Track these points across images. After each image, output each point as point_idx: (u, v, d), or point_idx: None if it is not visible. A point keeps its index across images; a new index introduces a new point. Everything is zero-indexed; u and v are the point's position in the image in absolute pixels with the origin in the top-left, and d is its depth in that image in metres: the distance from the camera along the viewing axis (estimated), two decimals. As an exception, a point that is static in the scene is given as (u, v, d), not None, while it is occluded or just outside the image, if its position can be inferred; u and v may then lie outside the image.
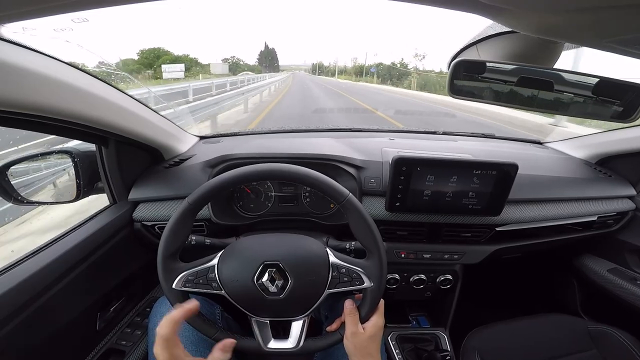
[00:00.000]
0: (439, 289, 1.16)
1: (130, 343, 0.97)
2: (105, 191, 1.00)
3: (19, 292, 0.68)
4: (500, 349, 1.02)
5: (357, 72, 79.16)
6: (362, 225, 0.67)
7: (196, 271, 0.68)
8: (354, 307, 0.70)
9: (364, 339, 0.67)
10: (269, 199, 1.09)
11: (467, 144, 1.28)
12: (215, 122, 7.09)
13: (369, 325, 0.68)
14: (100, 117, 0.75)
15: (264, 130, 1.48)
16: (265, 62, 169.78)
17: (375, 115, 9.49)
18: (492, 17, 0.40)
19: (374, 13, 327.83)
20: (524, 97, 0.63)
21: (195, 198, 0.67)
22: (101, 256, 0.88)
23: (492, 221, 1.03)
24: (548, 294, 1.57)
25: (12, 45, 0.55)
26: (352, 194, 0.68)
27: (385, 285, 0.69)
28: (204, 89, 11.03)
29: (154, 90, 7.71)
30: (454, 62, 0.63)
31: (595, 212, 1.09)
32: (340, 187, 0.68)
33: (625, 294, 1.11)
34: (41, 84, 0.59)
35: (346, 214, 0.68)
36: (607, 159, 1.22)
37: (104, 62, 1.45)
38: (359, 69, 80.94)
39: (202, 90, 10.84)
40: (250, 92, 10.78)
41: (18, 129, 0.65)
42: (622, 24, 0.35)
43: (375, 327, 0.68)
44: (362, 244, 0.69)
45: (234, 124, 7.73)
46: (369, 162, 1.04)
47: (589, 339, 1.03)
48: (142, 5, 0.59)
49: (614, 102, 0.62)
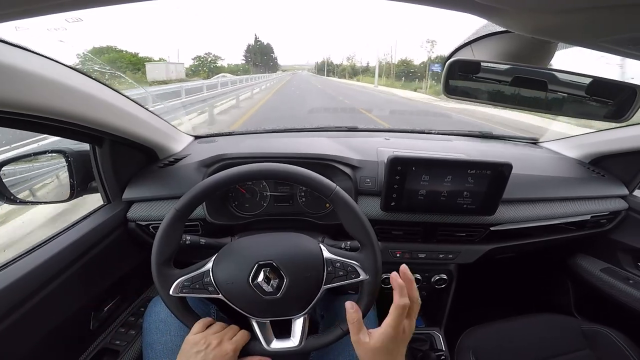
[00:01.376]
0: (434, 289, 1.17)
1: (125, 343, 0.96)
2: (99, 191, 0.99)
3: (11, 291, 0.67)
4: (495, 348, 1.02)
5: (401, 73, 45.89)
6: (352, 217, 0.67)
7: (192, 276, 0.67)
8: (355, 311, 0.62)
9: (368, 350, 0.58)
10: (264, 198, 1.09)
11: (462, 143, 1.29)
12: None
13: (375, 335, 0.58)
14: (94, 117, 0.75)
15: (259, 129, 1.47)
16: (256, 59, 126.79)
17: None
18: (487, 16, 0.40)
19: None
20: (518, 96, 0.64)
21: (182, 205, 0.67)
22: (95, 256, 0.88)
23: (486, 221, 1.03)
24: (542, 293, 1.58)
25: (5, 45, 0.55)
26: (348, 193, 0.68)
27: (381, 276, 0.68)
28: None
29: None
30: (449, 61, 0.63)
31: (588, 211, 1.10)
32: (327, 181, 0.68)
33: (618, 294, 1.12)
34: (35, 84, 0.59)
35: (336, 208, 0.68)
36: (600, 159, 1.22)
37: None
38: (403, 68, 48.96)
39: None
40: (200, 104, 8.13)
41: (11, 128, 0.64)
42: (616, 24, 0.35)
43: (382, 338, 0.58)
44: (354, 237, 0.69)
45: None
46: (365, 161, 1.04)
47: (582, 339, 1.04)
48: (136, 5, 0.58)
49: (607, 102, 0.62)
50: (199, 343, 0.65)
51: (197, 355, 0.64)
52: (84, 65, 1.53)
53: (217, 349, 0.64)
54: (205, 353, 0.64)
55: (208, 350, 0.64)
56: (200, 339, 0.66)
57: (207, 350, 0.64)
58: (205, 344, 0.65)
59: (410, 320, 0.59)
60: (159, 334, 0.80)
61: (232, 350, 0.65)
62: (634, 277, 1.12)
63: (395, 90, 25.26)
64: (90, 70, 0.57)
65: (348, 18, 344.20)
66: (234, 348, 0.66)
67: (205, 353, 0.64)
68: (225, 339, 0.67)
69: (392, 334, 0.57)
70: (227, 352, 0.65)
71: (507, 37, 0.58)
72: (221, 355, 0.64)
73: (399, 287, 0.58)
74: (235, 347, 0.66)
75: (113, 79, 1.85)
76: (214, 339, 0.66)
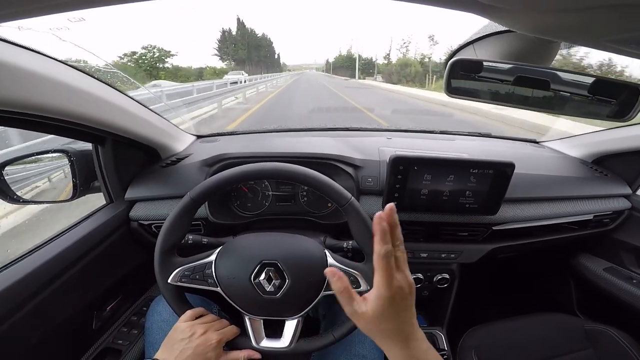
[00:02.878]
0: (436, 288, 1.17)
1: (127, 342, 0.97)
2: (101, 190, 0.99)
3: (14, 291, 0.68)
4: (497, 348, 1.02)
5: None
6: (362, 228, 0.68)
7: (193, 266, 0.68)
8: (337, 279, 0.49)
9: (370, 321, 0.48)
10: (266, 198, 1.09)
11: (464, 143, 1.28)
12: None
13: (370, 300, 0.48)
14: (97, 117, 0.75)
15: (261, 129, 1.47)
16: (237, 54, 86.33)
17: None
18: (489, 16, 0.40)
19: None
20: (521, 96, 0.64)
21: (197, 193, 0.67)
22: (97, 255, 0.88)
23: (488, 220, 1.03)
24: (544, 293, 1.58)
25: (8, 45, 0.55)
26: (349, 193, 0.68)
27: None
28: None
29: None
30: (451, 61, 0.63)
31: (591, 211, 1.10)
32: (343, 190, 0.68)
33: (621, 293, 1.11)
34: (38, 83, 0.59)
35: (347, 217, 0.69)
36: (603, 158, 1.22)
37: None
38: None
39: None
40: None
41: (15, 128, 0.65)
42: (619, 23, 0.35)
43: (378, 302, 0.47)
44: (361, 247, 0.70)
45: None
46: (367, 161, 1.04)
47: (585, 338, 1.03)
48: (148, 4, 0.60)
49: (609, 101, 0.62)
50: (184, 331, 0.66)
51: (181, 342, 0.64)
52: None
53: (201, 337, 0.65)
54: (189, 340, 0.64)
55: (192, 338, 0.65)
56: (186, 327, 0.66)
57: (192, 338, 0.65)
58: (191, 332, 0.66)
59: (403, 272, 0.48)
60: (161, 333, 0.81)
61: (217, 341, 0.66)
62: (637, 277, 1.11)
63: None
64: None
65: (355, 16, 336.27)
66: (218, 339, 0.66)
67: (189, 340, 0.64)
68: (212, 329, 0.68)
69: (387, 294, 0.46)
70: (211, 341, 0.65)
71: (509, 36, 0.58)
72: (204, 345, 0.64)
73: (382, 232, 0.46)
74: (221, 339, 0.67)
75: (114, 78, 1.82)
76: (200, 328, 0.66)
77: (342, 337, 0.69)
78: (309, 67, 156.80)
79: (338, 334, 0.69)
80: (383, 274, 0.46)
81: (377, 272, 0.47)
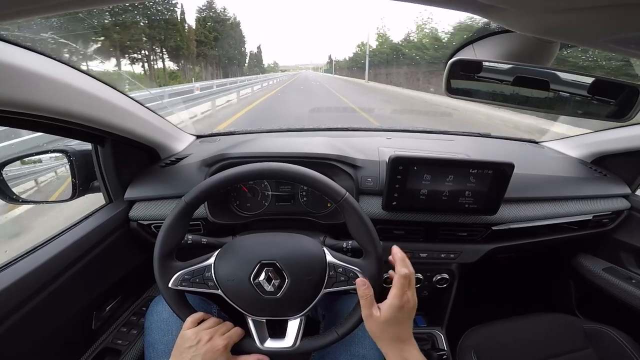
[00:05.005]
0: (436, 288, 1.17)
1: (126, 342, 0.97)
2: (101, 190, 0.99)
3: (13, 291, 0.68)
4: (497, 348, 1.02)
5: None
6: (359, 224, 0.67)
7: (192, 270, 0.68)
8: (366, 287, 0.64)
9: (379, 323, 0.62)
10: (265, 198, 1.09)
11: (464, 143, 1.28)
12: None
13: (384, 308, 0.62)
14: (96, 116, 0.75)
15: (261, 129, 1.47)
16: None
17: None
18: (489, 16, 0.40)
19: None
20: (520, 96, 0.64)
21: (192, 197, 0.67)
22: (97, 255, 0.88)
23: (488, 220, 1.03)
24: (544, 293, 1.58)
25: (8, 45, 0.55)
26: (349, 193, 0.68)
27: (381, 284, 0.69)
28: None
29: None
30: (451, 61, 0.63)
31: (590, 211, 1.10)
32: (338, 187, 0.68)
33: (620, 293, 1.11)
34: (38, 83, 0.59)
35: (343, 214, 0.68)
36: (602, 158, 1.22)
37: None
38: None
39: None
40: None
41: (14, 128, 0.65)
42: (618, 24, 0.35)
43: (391, 310, 0.61)
44: (359, 244, 0.69)
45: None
46: (366, 161, 1.04)
47: (584, 338, 1.03)
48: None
49: (609, 102, 0.62)
50: (190, 338, 0.66)
51: (189, 350, 0.64)
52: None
53: (208, 344, 0.65)
54: (196, 348, 0.64)
55: (199, 346, 0.65)
56: (192, 334, 0.66)
57: (199, 345, 0.65)
58: (197, 339, 0.66)
59: (412, 291, 0.64)
60: (160, 333, 0.81)
61: (224, 345, 0.66)
62: (636, 277, 1.11)
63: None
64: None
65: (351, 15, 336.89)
66: (225, 344, 0.66)
67: (196, 348, 0.64)
68: (217, 334, 0.67)
69: (399, 304, 0.61)
70: (218, 347, 0.65)
71: (509, 36, 0.58)
72: (212, 351, 0.64)
73: (401, 259, 0.65)
74: (227, 343, 0.67)
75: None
76: (206, 335, 0.66)
77: (345, 335, 0.69)
78: (306, 67, 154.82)
79: (341, 331, 0.69)
80: (399, 289, 0.61)
81: (395, 286, 0.62)
